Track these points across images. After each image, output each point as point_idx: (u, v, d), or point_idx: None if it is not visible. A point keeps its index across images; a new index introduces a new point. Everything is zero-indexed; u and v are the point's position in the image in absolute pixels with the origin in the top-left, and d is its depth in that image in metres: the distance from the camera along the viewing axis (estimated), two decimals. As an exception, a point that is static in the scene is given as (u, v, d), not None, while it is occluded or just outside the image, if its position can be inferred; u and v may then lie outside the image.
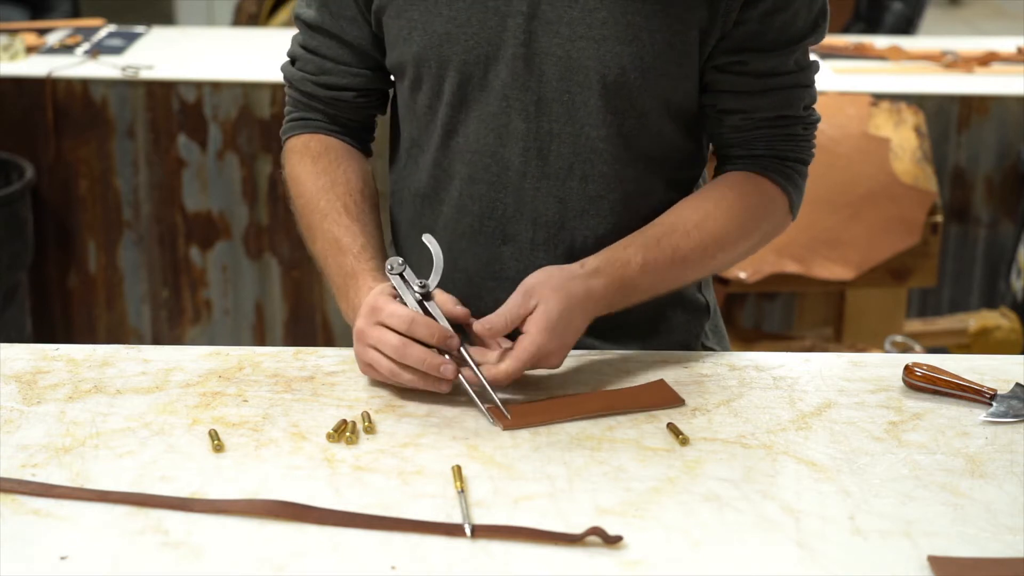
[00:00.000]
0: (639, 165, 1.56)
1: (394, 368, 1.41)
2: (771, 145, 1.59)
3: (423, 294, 1.44)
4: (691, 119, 1.59)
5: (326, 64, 1.62)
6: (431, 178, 1.60)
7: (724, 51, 1.53)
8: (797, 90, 1.57)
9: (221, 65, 3.45)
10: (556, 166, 1.54)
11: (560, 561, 1.16)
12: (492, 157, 1.55)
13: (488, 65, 1.52)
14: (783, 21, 1.51)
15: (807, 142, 1.61)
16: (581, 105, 1.52)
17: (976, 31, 7.57)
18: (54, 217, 3.40)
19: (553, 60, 1.50)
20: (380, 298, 1.43)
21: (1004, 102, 3.31)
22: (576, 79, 1.51)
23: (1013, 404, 1.44)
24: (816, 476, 1.30)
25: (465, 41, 1.51)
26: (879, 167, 2.92)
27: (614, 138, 1.54)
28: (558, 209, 1.56)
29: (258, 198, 3.37)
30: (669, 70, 1.51)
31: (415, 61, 1.54)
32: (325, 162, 1.62)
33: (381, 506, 1.24)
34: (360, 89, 1.64)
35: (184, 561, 1.15)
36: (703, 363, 1.55)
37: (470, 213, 1.58)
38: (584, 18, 1.49)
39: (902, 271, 2.95)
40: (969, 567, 1.16)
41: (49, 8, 4.51)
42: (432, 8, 1.52)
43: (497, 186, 1.56)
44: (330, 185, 1.60)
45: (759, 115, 1.57)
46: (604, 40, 1.49)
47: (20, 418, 1.40)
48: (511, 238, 1.58)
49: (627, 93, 1.51)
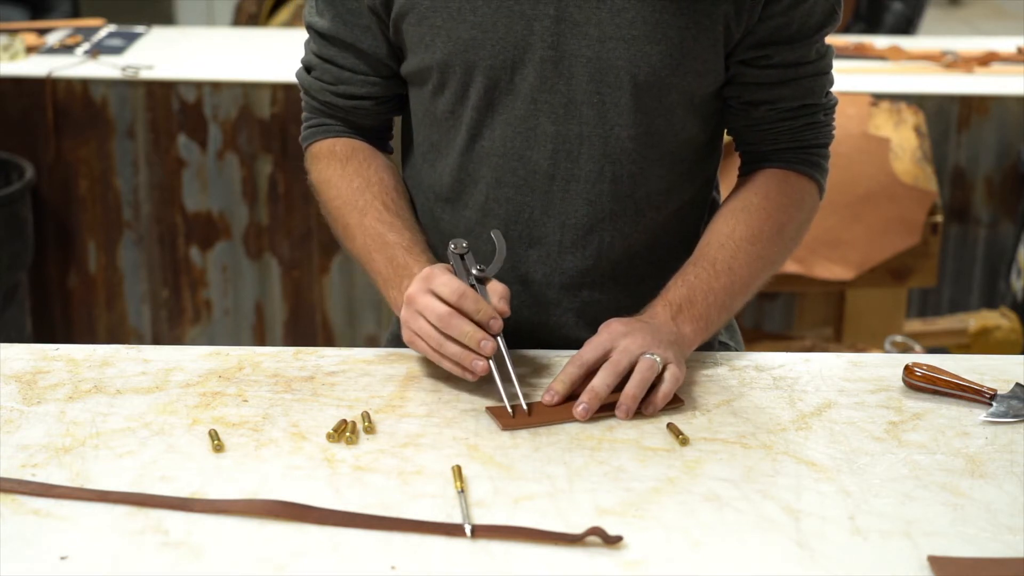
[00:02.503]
0: (664, 162, 1.57)
1: (439, 339, 1.41)
2: (796, 137, 1.62)
3: (479, 278, 1.46)
4: (710, 113, 1.60)
5: (343, 74, 1.62)
6: (454, 181, 1.59)
7: (749, 45, 1.54)
8: (819, 78, 1.60)
9: (221, 65, 3.45)
10: (586, 168, 1.54)
11: (560, 561, 1.16)
12: (519, 160, 1.55)
13: (515, 69, 1.52)
14: (804, 12, 1.53)
15: (828, 127, 1.65)
16: (612, 106, 1.52)
17: (976, 31, 7.57)
18: (54, 217, 3.40)
19: (583, 62, 1.50)
20: (435, 268, 1.44)
21: (1004, 102, 3.31)
22: (607, 80, 1.51)
23: (1013, 404, 1.44)
24: (816, 476, 1.30)
25: (492, 46, 1.51)
26: (879, 167, 2.92)
27: (643, 137, 1.54)
28: (587, 212, 1.56)
29: (258, 198, 3.37)
30: (696, 67, 1.52)
31: (440, 67, 1.54)
32: (355, 164, 1.63)
33: (381, 506, 1.24)
34: (378, 97, 1.63)
35: (184, 561, 1.15)
36: (703, 363, 1.55)
37: (496, 216, 1.57)
38: (612, 19, 1.49)
39: (902, 271, 2.95)
40: (969, 567, 1.16)
41: (49, 8, 4.51)
42: (456, 15, 1.51)
43: (524, 189, 1.56)
44: (365, 185, 1.60)
45: (784, 105, 1.59)
46: (634, 40, 1.49)
47: (20, 418, 1.40)
48: (538, 241, 1.58)
49: (658, 92, 1.52)
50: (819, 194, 1.65)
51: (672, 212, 1.60)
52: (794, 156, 1.62)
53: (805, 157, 1.62)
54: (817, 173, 1.64)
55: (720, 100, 1.59)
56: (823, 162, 1.65)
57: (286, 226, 3.37)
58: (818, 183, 1.64)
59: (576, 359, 1.43)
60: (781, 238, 1.59)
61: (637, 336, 1.43)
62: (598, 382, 1.40)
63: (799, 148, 1.62)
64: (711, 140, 1.63)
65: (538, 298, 1.59)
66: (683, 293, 1.51)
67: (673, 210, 1.60)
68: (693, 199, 1.63)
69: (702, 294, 1.51)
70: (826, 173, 1.66)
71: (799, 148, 1.62)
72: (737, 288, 1.54)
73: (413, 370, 1.52)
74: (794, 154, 1.62)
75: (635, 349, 1.42)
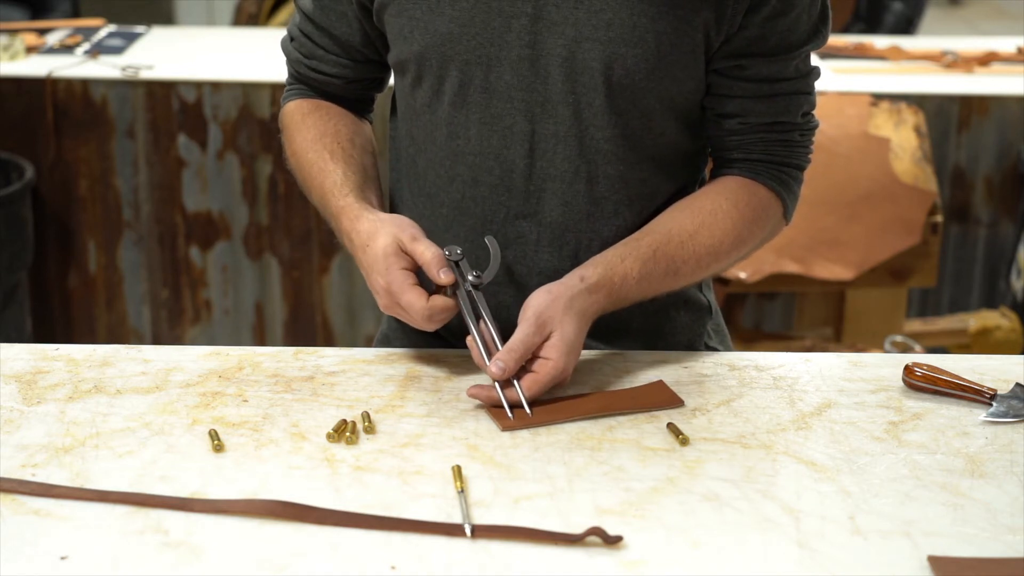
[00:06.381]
0: (643, 166, 1.56)
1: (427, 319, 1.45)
2: (768, 150, 1.59)
3: (475, 284, 1.46)
4: (694, 120, 1.59)
5: (317, 51, 1.64)
6: (434, 177, 1.60)
7: (726, 55, 1.52)
8: (797, 97, 1.57)
9: (221, 65, 3.45)
10: (561, 168, 1.54)
11: (560, 561, 1.16)
12: (496, 159, 1.55)
13: (491, 66, 1.52)
14: (785, 26, 1.51)
15: (804, 148, 1.61)
16: (586, 106, 1.52)
17: (976, 31, 7.57)
18: (54, 217, 3.40)
19: (558, 61, 1.50)
20: (393, 277, 1.44)
21: (1004, 102, 3.31)
22: (581, 80, 1.51)
23: (1013, 404, 1.44)
24: (816, 476, 1.30)
25: (467, 41, 1.51)
26: (879, 167, 2.92)
27: (619, 139, 1.54)
28: (563, 211, 1.56)
29: (258, 198, 3.37)
30: (674, 72, 1.51)
31: (416, 59, 1.55)
32: (314, 118, 1.65)
33: (381, 506, 1.24)
34: (348, 77, 1.65)
35: (184, 561, 1.15)
36: (703, 363, 1.55)
37: (473, 215, 1.58)
38: (590, 19, 1.49)
39: (902, 271, 2.95)
40: (969, 567, 1.16)
41: (49, 8, 4.51)
42: (434, 8, 1.52)
43: (500, 188, 1.56)
44: (318, 136, 1.62)
45: (757, 120, 1.57)
46: (610, 41, 1.49)
47: (20, 418, 1.40)
48: (515, 240, 1.57)
49: (632, 94, 1.51)
50: (784, 216, 1.62)
51: (652, 214, 1.58)
52: (764, 169, 1.59)
53: (776, 173, 1.59)
54: (785, 192, 1.60)
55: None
56: (793, 184, 1.61)
57: (286, 226, 3.37)
58: (784, 204, 1.61)
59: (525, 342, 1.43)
60: (737, 252, 1.58)
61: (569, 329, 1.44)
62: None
63: (770, 163, 1.59)
64: (698, 148, 1.62)
65: (515, 298, 1.59)
66: (618, 278, 1.49)
67: (652, 212, 1.58)
68: (674, 201, 1.60)
69: (636, 288, 1.50)
70: (795, 198, 1.62)
71: (770, 163, 1.59)
72: (665, 285, 1.54)
73: (413, 370, 1.52)
74: (764, 167, 1.59)
75: (568, 360, 1.43)
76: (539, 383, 1.42)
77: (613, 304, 1.50)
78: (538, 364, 1.43)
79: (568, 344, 1.43)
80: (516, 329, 1.43)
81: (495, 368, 1.41)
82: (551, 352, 1.43)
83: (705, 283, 1.69)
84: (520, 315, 1.44)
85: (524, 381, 1.42)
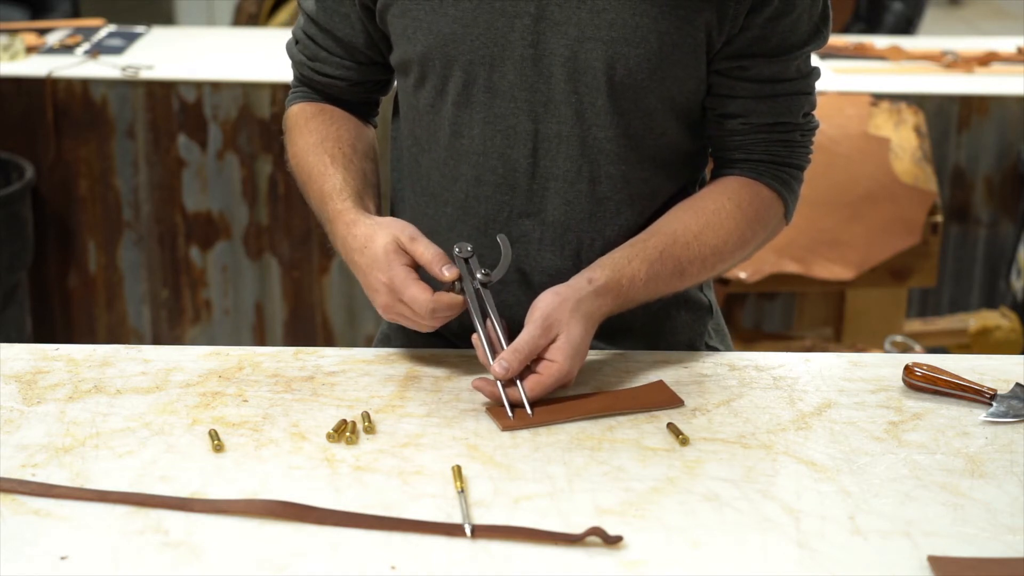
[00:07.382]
0: (645, 166, 1.57)
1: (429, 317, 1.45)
2: (769, 150, 1.59)
3: (483, 282, 1.46)
4: (695, 120, 1.59)
5: (320, 53, 1.64)
6: (438, 177, 1.60)
7: (727, 55, 1.53)
8: (797, 97, 1.57)
9: (221, 65, 3.45)
10: (564, 168, 1.54)
11: (560, 561, 1.16)
12: (499, 159, 1.55)
13: (494, 66, 1.52)
14: (786, 27, 1.51)
15: (804, 148, 1.62)
16: (589, 106, 1.52)
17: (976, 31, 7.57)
18: (54, 217, 3.40)
19: (561, 61, 1.51)
20: (395, 272, 1.44)
21: (1004, 102, 3.31)
22: (584, 80, 1.51)
23: (1013, 404, 1.44)
24: (816, 476, 1.30)
25: (471, 42, 1.51)
26: (879, 167, 2.92)
27: (621, 139, 1.54)
28: (565, 211, 1.56)
29: (258, 198, 3.37)
30: (676, 72, 1.51)
31: (420, 60, 1.55)
32: (317, 121, 1.65)
33: (381, 506, 1.24)
34: (351, 80, 1.65)
35: (184, 561, 1.15)
36: (703, 363, 1.55)
37: (476, 215, 1.58)
38: (592, 19, 1.49)
39: (902, 271, 2.95)
40: (969, 567, 1.16)
41: (49, 8, 4.51)
42: (437, 8, 1.52)
43: (504, 188, 1.56)
44: (320, 140, 1.62)
45: (758, 121, 1.57)
46: (612, 41, 1.49)
47: (20, 418, 1.40)
48: (517, 239, 1.58)
49: (634, 94, 1.51)
50: (785, 215, 1.63)
51: (653, 214, 1.58)
52: (766, 169, 1.60)
53: (776, 173, 1.60)
54: (786, 192, 1.61)
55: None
56: (794, 184, 1.62)
57: (286, 226, 3.37)
58: (785, 203, 1.61)
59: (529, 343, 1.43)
60: (741, 252, 1.59)
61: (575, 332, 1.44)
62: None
63: (771, 163, 1.60)
64: (699, 148, 1.63)
65: (517, 297, 1.59)
66: (626, 280, 1.49)
67: (654, 212, 1.59)
68: (675, 201, 1.60)
69: (643, 290, 1.51)
70: (796, 197, 1.63)
71: (771, 163, 1.60)
72: (672, 286, 1.54)
73: (413, 370, 1.52)
74: (766, 167, 1.60)
75: (573, 362, 1.43)
76: (542, 385, 1.42)
77: (620, 306, 1.50)
78: (543, 366, 1.43)
79: (574, 347, 1.43)
80: (523, 330, 1.43)
81: (499, 368, 1.41)
82: (556, 355, 1.43)
83: (706, 283, 1.69)
84: (527, 316, 1.44)
85: (527, 382, 1.42)
